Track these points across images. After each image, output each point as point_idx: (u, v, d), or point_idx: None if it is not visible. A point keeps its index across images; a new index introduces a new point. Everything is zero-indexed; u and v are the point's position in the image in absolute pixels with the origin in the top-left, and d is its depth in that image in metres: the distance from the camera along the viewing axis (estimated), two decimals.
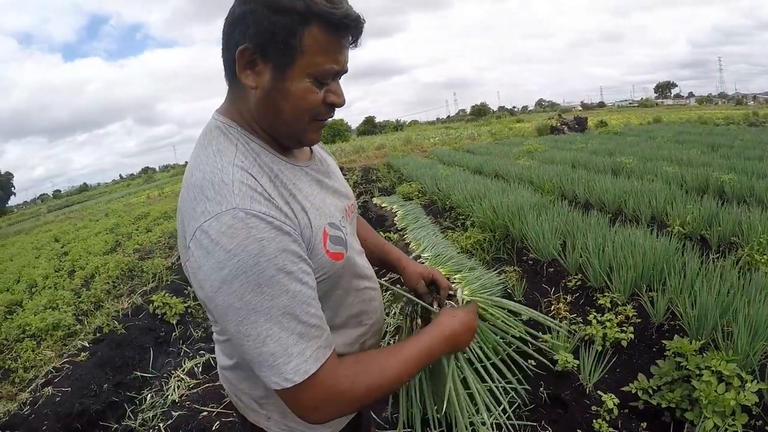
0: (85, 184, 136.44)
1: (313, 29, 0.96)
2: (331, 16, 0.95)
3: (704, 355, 2.40)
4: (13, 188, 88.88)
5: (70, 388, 3.74)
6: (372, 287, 1.31)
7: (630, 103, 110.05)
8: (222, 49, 1.03)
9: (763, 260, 3.56)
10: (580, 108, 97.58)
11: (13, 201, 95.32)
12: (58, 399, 3.64)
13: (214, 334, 1.24)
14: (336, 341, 1.12)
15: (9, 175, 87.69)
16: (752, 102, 70.35)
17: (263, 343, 0.91)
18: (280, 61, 0.97)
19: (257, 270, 0.89)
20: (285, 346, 0.91)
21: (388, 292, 3.01)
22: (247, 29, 0.96)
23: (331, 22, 0.96)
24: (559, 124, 23.50)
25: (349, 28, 1.00)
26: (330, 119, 1.10)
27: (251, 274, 0.89)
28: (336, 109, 1.08)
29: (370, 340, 1.31)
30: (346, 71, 1.05)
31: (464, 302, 1.57)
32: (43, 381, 4.11)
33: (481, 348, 1.55)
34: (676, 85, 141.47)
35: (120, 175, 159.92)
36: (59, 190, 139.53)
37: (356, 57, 1.05)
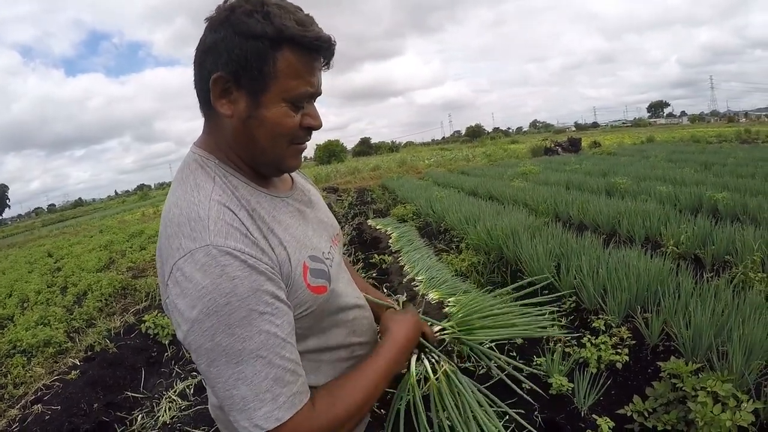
0: (80, 199, 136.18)
1: (286, 53, 0.95)
2: (303, 39, 0.95)
3: (700, 376, 2.39)
4: (7, 201, 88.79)
5: (60, 407, 3.71)
6: (364, 316, 1.28)
7: (623, 123, 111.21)
8: (195, 79, 1.02)
9: (757, 278, 3.56)
10: (574, 129, 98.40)
11: (7, 213, 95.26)
12: (47, 417, 3.61)
13: None
14: (327, 372, 1.11)
15: (4, 188, 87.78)
16: (744, 119, 71.39)
17: (234, 385, 0.88)
18: (254, 88, 0.96)
19: (228, 310, 0.86)
20: (257, 391, 0.88)
21: None
22: (219, 57, 0.95)
23: (303, 45, 0.96)
24: (553, 146, 23.66)
25: (321, 50, 0.99)
26: (307, 143, 1.08)
27: (222, 315, 0.86)
28: (313, 132, 1.06)
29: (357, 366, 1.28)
30: (320, 93, 1.05)
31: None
32: (32, 398, 4.07)
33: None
34: (669, 105, 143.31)
35: (115, 191, 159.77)
36: (54, 205, 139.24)
37: (353, 79, 1.07)
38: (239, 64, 0.94)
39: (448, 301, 3.94)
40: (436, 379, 1.35)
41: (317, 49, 0.99)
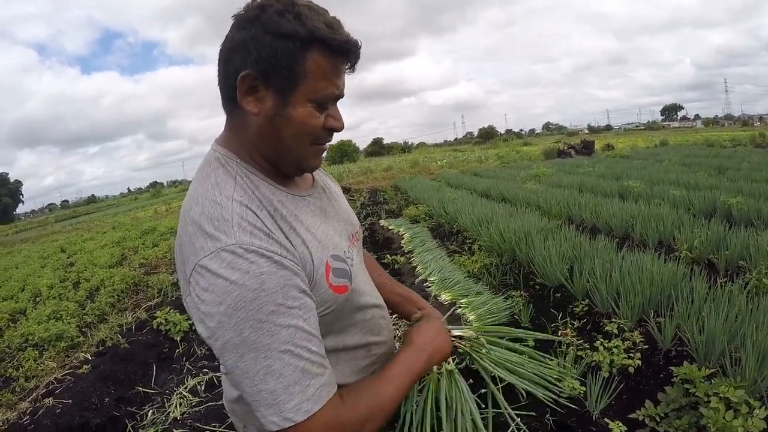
0: (93, 195, 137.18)
1: (315, 54, 0.96)
2: (333, 41, 0.97)
3: (712, 381, 2.37)
4: (21, 196, 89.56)
5: (71, 400, 3.73)
6: (381, 315, 1.29)
7: (637, 126, 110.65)
8: (219, 76, 1.03)
9: None
10: (587, 131, 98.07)
11: (20, 209, 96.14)
12: (58, 410, 3.63)
13: (222, 366, 1.20)
14: (344, 371, 1.12)
15: (18, 183, 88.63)
16: (758, 123, 70.68)
17: (263, 380, 0.88)
18: (283, 87, 0.97)
19: (257, 305, 0.87)
20: (286, 384, 0.89)
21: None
22: (248, 55, 0.96)
23: (333, 47, 0.97)
24: (566, 148, 23.59)
25: (349, 53, 1.01)
26: (329, 144, 1.10)
27: (250, 310, 0.87)
28: (335, 133, 1.08)
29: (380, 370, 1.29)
30: (343, 96, 1.06)
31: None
32: (44, 391, 4.10)
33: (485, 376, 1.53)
34: (683, 108, 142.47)
35: (128, 189, 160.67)
36: (67, 201, 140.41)
37: (366, 79, 1.09)
38: (269, 63, 0.95)
39: (461, 302, 3.94)
40: (439, 373, 1.36)
41: (346, 52, 1.00)
